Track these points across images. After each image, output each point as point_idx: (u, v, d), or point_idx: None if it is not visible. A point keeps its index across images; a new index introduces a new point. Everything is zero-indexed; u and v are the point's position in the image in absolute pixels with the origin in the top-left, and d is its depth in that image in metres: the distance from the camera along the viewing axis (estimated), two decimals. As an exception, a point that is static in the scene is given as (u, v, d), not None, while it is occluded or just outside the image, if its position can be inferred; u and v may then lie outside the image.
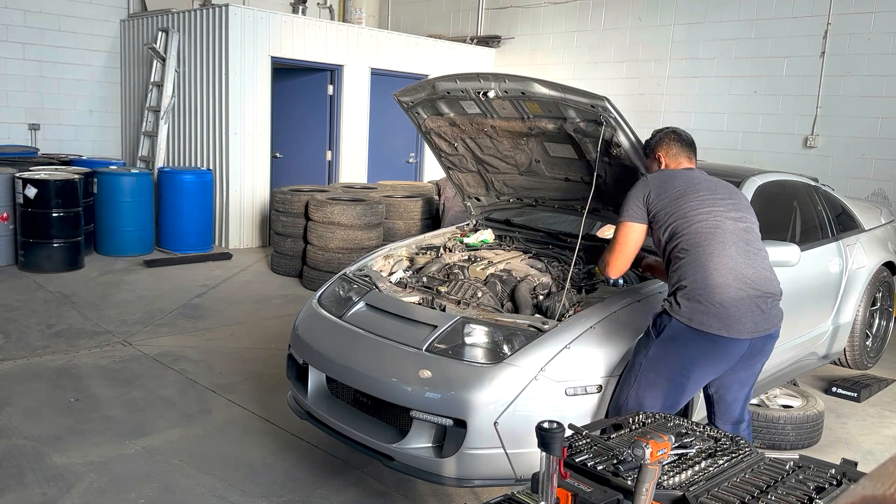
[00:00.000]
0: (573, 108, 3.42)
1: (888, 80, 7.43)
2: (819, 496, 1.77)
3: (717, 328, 2.75)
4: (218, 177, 8.53)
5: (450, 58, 10.54)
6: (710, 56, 8.66)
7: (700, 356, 2.82)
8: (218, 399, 4.33)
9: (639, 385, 2.86)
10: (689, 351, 2.81)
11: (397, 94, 4.09)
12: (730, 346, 2.79)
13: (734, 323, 2.75)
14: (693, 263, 2.82)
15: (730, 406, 3.06)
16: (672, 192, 2.96)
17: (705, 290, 2.77)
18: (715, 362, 2.84)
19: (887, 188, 7.49)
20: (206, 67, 8.53)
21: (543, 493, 1.76)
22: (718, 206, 2.93)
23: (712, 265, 2.79)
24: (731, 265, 2.81)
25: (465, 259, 4.00)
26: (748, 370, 2.98)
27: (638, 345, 2.98)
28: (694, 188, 2.98)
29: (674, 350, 2.82)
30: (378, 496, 3.36)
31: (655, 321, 2.89)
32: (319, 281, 6.35)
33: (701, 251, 2.82)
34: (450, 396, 2.93)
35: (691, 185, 2.99)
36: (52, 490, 3.25)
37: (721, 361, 2.84)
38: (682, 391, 2.86)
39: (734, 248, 2.84)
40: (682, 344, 2.80)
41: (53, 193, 7.06)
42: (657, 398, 2.83)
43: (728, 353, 2.82)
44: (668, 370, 2.82)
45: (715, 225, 2.87)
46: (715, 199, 2.96)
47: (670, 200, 2.94)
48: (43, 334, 5.30)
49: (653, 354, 2.85)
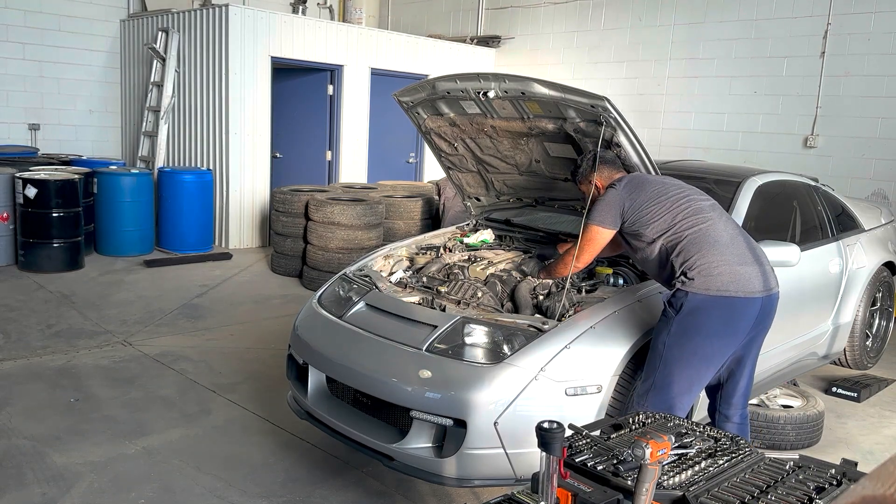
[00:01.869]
0: (573, 108, 3.42)
1: (888, 80, 7.43)
2: (819, 496, 1.77)
3: (734, 290, 2.91)
4: (218, 177, 8.53)
5: (450, 58, 10.54)
6: (710, 56, 8.66)
7: (722, 323, 2.92)
8: (218, 399, 4.33)
9: (664, 365, 2.93)
10: (711, 319, 2.91)
11: (397, 94, 4.09)
12: (746, 306, 2.93)
13: (746, 283, 2.93)
14: (695, 241, 2.99)
15: (738, 384, 3.16)
16: (649, 193, 3.16)
17: (714, 260, 2.94)
18: (736, 327, 2.95)
19: (887, 188, 7.49)
20: (206, 67, 8.53)
21: (543, 493, 1.76)
22: (691, 193, 3.18)
23: (712, 238, 2.99)
24: (728, 233, 3.04)
25: (465, 259, 4.00)
26: (757, 338, 3.09)
27: (658, 329, 3.03)
28: (665, 186, 3.20)
29: (696, 322, 2.91)
30: (378, 496, 3.36)
31: (671, 302, 2.99)
32: (319, 281, 6.35)
33: (698, 230, 3.02)
34: (450, 396, 2.93)
35: (662, 185, 3.21)
36: (52, 490, 3.25)
37: (741, 324, 2.96)
38: (710, 362, 2.96)
39: (721, 220, 3.09)
40: (704, 314, 2.90)
41: (53, 193, 7.06)
42: (685, 375, 2.91)
43: (746, 314, 2.95)
44: (693, 344, 2.91)
45: (699, 208, 3.10)
46: (684, 189, 3.20)
47: (650, 200, 3.12)
48: (43, 334, 5.30)
49: (675, 331, 2.93)
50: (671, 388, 2.91)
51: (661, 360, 2.94)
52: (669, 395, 2.92)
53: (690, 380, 2.93)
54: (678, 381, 2.91)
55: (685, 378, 2.91)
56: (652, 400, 2.93)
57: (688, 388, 2.94)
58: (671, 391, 2.91)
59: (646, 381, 3.00)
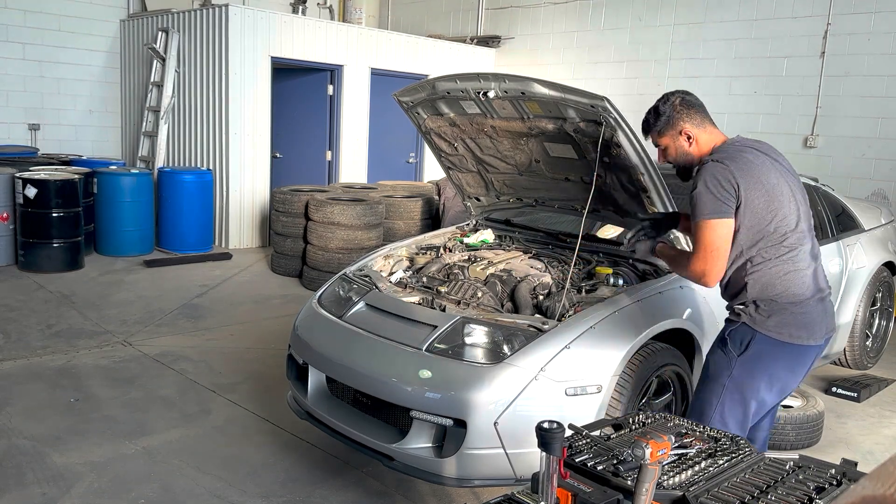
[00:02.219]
0: (573, 108, 3.42)
1: (888, 80, 7.43)
2: (819, 496, 1.77)
3: (805, 338, 2.62)
4: (218, 177, 8.53)
5: (450, 58, 10.53)
6: (710, 56, 8.66)
7: (788, 369, 2.67)
8: (218, 399, 4.33)
9: (722, 406, 2.68)
10: (778, 364, 2.64)
11: (397, 94, 4.09)
12: (811, 352, 2.68)
13: (815, 329, 2.64)
14: (780, 267, 2.60)
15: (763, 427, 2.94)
16: (757, 176, 2.60)
17: (791, 299, 2.60)
18: (798, 373, 2.71)
19: (887, 188, 7.49)
20: (206, 67, 8.53)
21: (543, 493, 1.75)
22: (798, 196, 2.68)
23: (797, 269, 2.61)
24: (809, 265, 2.65)
25: (465, 259, 4.00)
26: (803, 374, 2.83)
27: (716, 363, 2.74)
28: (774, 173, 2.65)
29: (761, 367, 2.64)
30: (378, 496, 3.36)
31: (732, 335, 2.69)
32: (319, 281, 6.35)
33: (790, 255, 2.61)
34: (450, 396, 2.93)
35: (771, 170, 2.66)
36: (52, 490, 3.25)
37: (803, 370, 2.72)
38: (764, 406, 2.73)
39: (809, 244, 2.67)
40: (771, 359, 2.63)
41: (53, 193, 7.06)
42: (741, 416, 2.70)
43: (810, 360, 2.71)
44: (754, 388, 2.66)
45: (798, 219, 2.63)
46: (794, 187, 2.68)
47: (760, 189, 2.59)
48: (43, 334, 5.30)
49: (738, 374, 2.66)
50: (726, 425, 2.69)
51: (720, 402, 2.68)
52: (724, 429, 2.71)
53: (746, 416, 2.71)
54: (734, 424, 2.69)
55: (741, 418, 2.70)
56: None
57: (744, 423, 2.73)
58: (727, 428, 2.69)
59: (698, 413, 2.76)
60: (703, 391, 2.77)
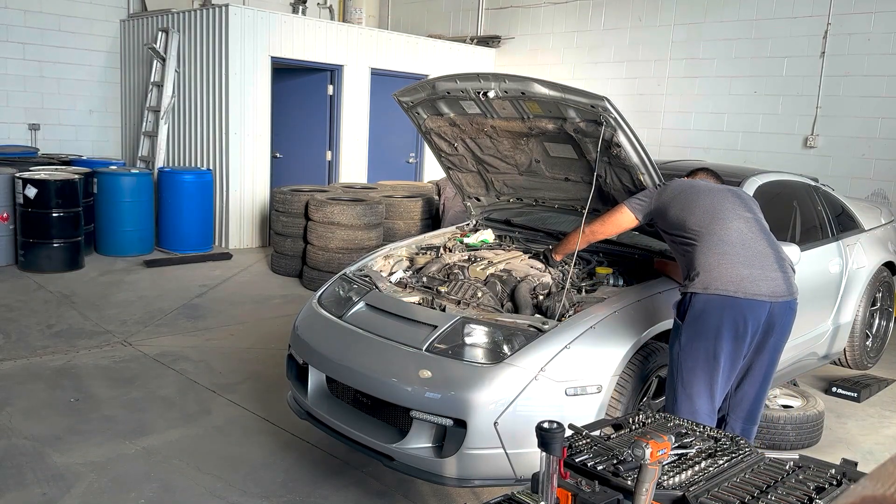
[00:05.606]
0: (573, 108, 3.42)
1: (888, 80, 7.42)
2: (819, 496, 1.77)
3: (733, 290, 2.87)
4: (218, 177, 8.53)
5: (450, 58, 10.53)
6: (710, 56, 8.66)
7: (724, 323, 2.87)
8: (218, 399, 4.33)
9: (681, 378, 2.91)
10: (713, 319, 2.87)
11: (397, 94, 4.09)
12: (750, 307, 2.87)
13: (749, 285, 2.89)
14: (701, 240, 3.01)
15: (745, 395, 3.08)
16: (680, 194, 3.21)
17: (715, 259, 2.94)
18: (738, 329, 2.88)
19: (887, 188, 7.49)
20: (206, 67, 8.53)
21: (543, 493, 1.76)
22: (718, 195, 3.16)
23: (717, 237, 2.99)
24: (739, 234, 3.00)
25: (465, 259, 4.00)
26: (765, 346, 2.98)
27: (670, 342, 3.03)
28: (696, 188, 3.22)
29: (700, 326, 2.89)
30: (378, 496, 3.36)
31: (678, 308, 2.99)
32: (319, 281, 6.35)
33: (707, 228, 3.01)
34: (450, 396, 2.93)
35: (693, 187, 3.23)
36: (52, 490, 3.25)
37: (743, 325, 2.88)
38: (717, 367, 2.89)
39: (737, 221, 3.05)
40: (707, 315, 2.88)
41: (53, 193, 7.06)
42: (701, 380, 2.88)
43: (749, 314, 2.88)
44: (700, 348, 2.88)
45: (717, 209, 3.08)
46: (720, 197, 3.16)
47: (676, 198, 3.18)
48: (43, 334, 5.30)
49: (684, 339, 2.93)
50: (692, 397, 2.88)
51: (678, 371, 2.93)
52: (691, 405, 2.89)
53: (707, 384, 2.88)
54: (696, 387, 2.87)
55: (702, 383, 2.88)
56: (676, 411, 2.89)
57: (707, 393, 2.89)
58: (693, 401, 2.88)
59: (668, 394, 2.99)
60: (668, 370, 3.05)
